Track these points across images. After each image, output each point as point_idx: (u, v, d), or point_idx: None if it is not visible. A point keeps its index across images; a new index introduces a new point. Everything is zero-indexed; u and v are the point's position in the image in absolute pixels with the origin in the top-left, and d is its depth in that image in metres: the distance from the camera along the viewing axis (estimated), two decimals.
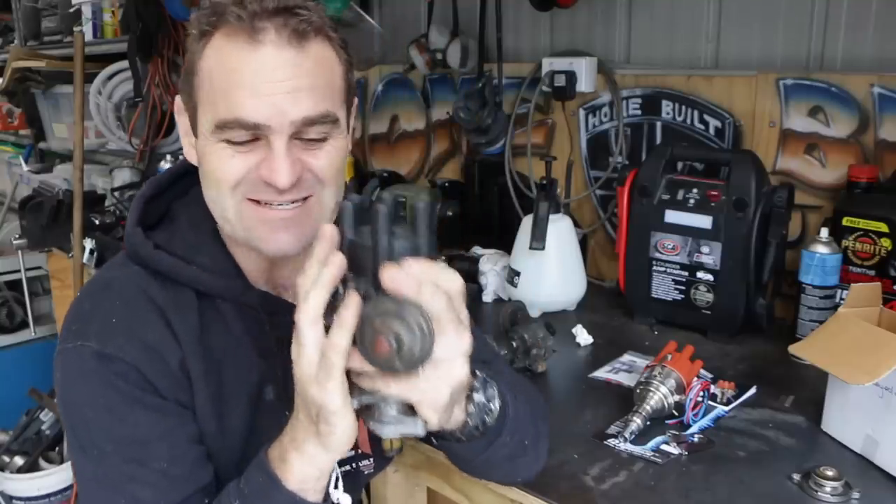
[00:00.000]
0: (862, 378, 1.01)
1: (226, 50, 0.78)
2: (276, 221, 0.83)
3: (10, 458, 2.66)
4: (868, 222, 1.40)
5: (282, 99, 0.77)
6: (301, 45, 0.78)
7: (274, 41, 0.77)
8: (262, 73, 0.77)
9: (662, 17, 1.82)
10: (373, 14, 2.39)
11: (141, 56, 2.44)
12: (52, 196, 2.41)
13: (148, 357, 0.82)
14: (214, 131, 0.80)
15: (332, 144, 0.84)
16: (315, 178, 0.83)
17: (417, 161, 2.39)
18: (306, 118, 0.79)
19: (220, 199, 0.84)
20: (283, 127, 0.78)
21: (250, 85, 0.77)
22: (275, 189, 0.81)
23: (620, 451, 1.11)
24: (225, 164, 0.81)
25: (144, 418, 0.81)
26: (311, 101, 0.79)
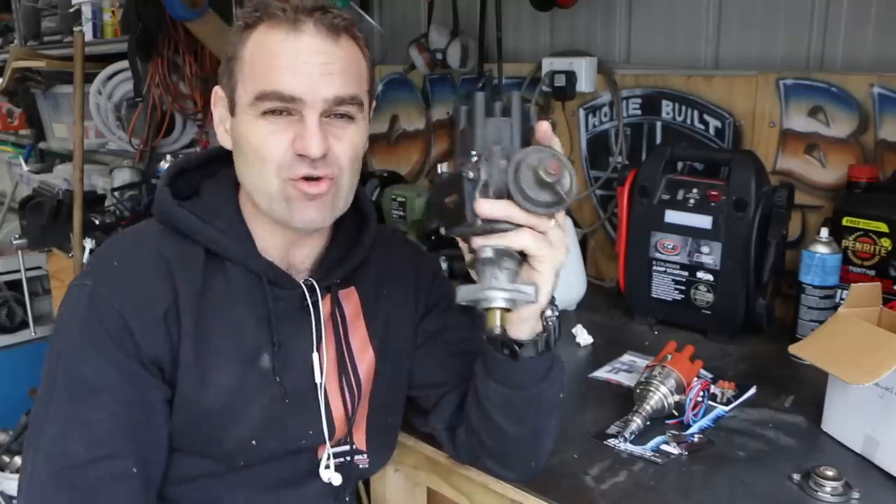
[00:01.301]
0: (862, 378, 1.01)
1: (268, 37, 0.88)
2: (310, 196, 0.90)
3: (10, 458, 2.66)
4: (868, 222, 1.40)
5: (317, 79, 0.87)
6: (335, 38, 0.89)
7: (312, 31, 0.88)
8: (301, 56, 0.87)
9: (662, 17, 1.82)
10: (373, 14, 2.39)
11: (141, 56, 2.44)
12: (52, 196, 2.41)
13: (136, 302, 0.89)
14: (253, 103, 0.88)
15: (355, 128, 0.92)
16: (337, 162, 0.91)
17: (417, 161, 2.39)
18: (337, 97, 0.88)
19: (262, 176, 0.91)
20: (316, 103, 0.88)
21: (289, 65, 0.87)
22: (308, 161, 0.88)
23: (620, 451, 1.11)
24: (265, 142, 0.89)
25: (104, 367, 0.87)
26: (341, 83, 0.89)
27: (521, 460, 0.99)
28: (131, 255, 0.93)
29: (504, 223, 0.76)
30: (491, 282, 0.76)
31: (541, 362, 0.89)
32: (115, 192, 2.47)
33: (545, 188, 0.73)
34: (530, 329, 0.87)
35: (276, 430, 0.96)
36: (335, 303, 1.01)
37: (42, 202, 2.44)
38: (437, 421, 1.05)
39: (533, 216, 0.76)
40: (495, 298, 0.75)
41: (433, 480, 1.22)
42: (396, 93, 2.38)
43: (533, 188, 0.73)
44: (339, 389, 1.01)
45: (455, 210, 0.77)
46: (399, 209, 2.04)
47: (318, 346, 0.98)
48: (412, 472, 1.25)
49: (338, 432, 1.01)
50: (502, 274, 0.76)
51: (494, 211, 0.75)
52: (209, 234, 0.94)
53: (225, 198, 0.98)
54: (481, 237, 0.77)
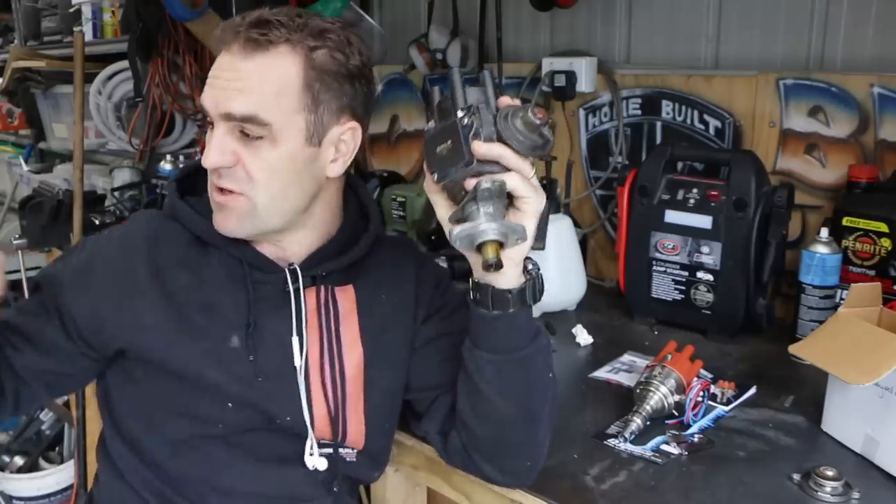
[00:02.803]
0: (862, 378, 1.01)
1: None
2: (218, 201, 0.97)
3: (10, 458, 2.66)
4: (868, 222, 1.40)
5: (219, 93, 0.92)
6: (250, 55, 0.91)
7: (235, 49, 0.91)
8: (216, 71, 0.93)
9: (662, 17, 1.82)
10: (373, 14, 2.39)
11: (141, 56, 2.44)
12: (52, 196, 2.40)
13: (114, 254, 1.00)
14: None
15: (269, 147, 0.93)
16: (246, 175, 0.94)
17: (417, 161, 2.39)
18: (229, 114, 0.91)
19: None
20: (216, 117, 0.93)
21: (210, 79, 0.94)
22: (215, 173, 0.95)
23: (620, 451, 1.11)
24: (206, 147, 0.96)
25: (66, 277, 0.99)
26: (240, 101, 0.91)
27: (517, 456, 0.98)
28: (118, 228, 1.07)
29: (495, 165, 0.84)
30: (485, 217, 0.82)
31: (527, 320, 0.92)
32: (115, 192, 2.47)
33: (533, 131, 0.82)
34: (515, 277, 0.90)
35: (252, 403, 0.99)
36: (330, 296, 1.03)
37: (42, 202, 2.43)
38: (430, 425, 1.05)
39: (521, 159, 0.84)
40: (490, 230, 0.82)
41: (433, 481, 1.22)
42: (396, 93, 2.38)
43: (523, 131, 0.83)
44: (321, 378, 1.02)
45: (449, 154, 0.84)
46: (399, 209, 2.04)
47: (299, 331, 1.00)
48: (412, 473, 1.25)
49: (320, 420, 1.02)
50: (495, 211, 0.83)
51: (490, 150, 0.83)
52: (196, 220, 1.01)
53: None
54: (474, 178, 0.84)
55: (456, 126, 0.83)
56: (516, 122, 0.83)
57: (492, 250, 0.82)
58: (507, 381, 0.93)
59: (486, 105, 0.85)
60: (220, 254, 1.00)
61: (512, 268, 0.88)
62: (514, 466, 0.99)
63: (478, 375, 0.94)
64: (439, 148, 0.85)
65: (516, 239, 0.84)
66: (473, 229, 0.82)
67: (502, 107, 0.85)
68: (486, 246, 0.82)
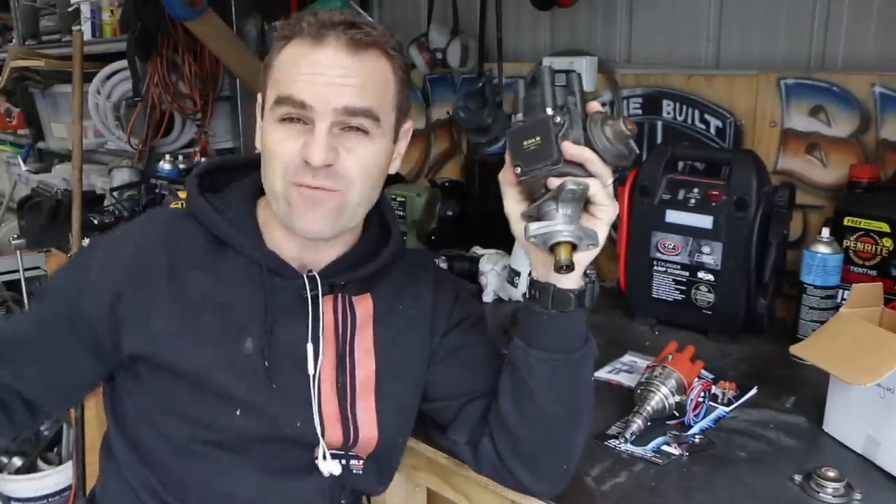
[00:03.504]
0: (863, 378, 1.01)
1: (295, 48, 0.93)
2: (309, 198, 0.93)
3: (9, 458, 2.66)
4: (869, 222, 1.40)
5: (329, 89, 0.90)
6: (355, 53, 0.91)
7: (333, 45, 0.91)
8: (318, 67, 0.91)
9: (663, 17, 1.82)
10: (373, 14, 2.39)
11: (140, 55, 2.43)
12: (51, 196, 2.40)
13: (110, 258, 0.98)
14: (272, 107, 0.93)
15: (370, 144, 0.94)
16: (344, 175, 0.93)
17: (417, 161, 2.39)
18: (347, 107, 0.91)
19: (272, 176, 0.95)
20: (327, 112, 0.90)
21: (306, 73, 0.91)
22: (311, 170, 0.91)
23: (621, 451, 1.10)
24: (278, 144, 0.93)
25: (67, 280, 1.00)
26: (355, 94, 0.91)
27: (555, 459, 0.97)
28: (132, 226, 1.04)
29: (579, 168, 0.84)
30: (563, 218, 0.84)
31: (582, 323, 0.94)
32: (114, 191, 2.46)
33: (622, 141, 0.83)
34: (577, 280, 0.91)
35: (261, 410, 0.97)
36: (347, 305, 1.02)
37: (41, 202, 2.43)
38: (458, 433, 1.04)
39: (605, 167, 0.84)
40: (567, 231, 0.83)
41: (433, 481, 1.22)
42: None
43: (612, 139, 0.83)
44: (335, 389, 1.01)
45: (537, 150, 0.84)
46: (399, 209, 2.04)
47: (314, 339, 0.99)
48: (412, 473, 1.24)
49: (331, 430, 1.00)
50: (573, 213, 0.84)
51: (581, 153, 0.83)
52: (216, 219, 0.99)
53: (242, 196, 1.03)
54: (558, 178, 0.84)
55: (548, 123, 0.84)
56: (606, 130, 0.83)
57: (565, 252, 0.83)
58: (559, 382, 0.93)
59: (575, 107, 0.85)
60: (238, 256, 0.99)
61: (577, 270, 0.89)
62: (551, 470, 0.98)
63: (529, 375, 0.94)
64: (526, 142, 0.85)
65: (588, 244, 0.85)
66: (551, 228, 0.83)
67: (591, 112, 0.86)
68: (561, 247, 0.83)
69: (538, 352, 0.93)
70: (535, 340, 0.93)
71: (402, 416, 1.07)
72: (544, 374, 0.93)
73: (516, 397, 0.96)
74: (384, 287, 1.05)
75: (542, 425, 0.95)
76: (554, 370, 0.93)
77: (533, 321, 0.94)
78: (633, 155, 0.85)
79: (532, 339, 0.94)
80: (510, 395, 0.96)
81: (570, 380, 0.94)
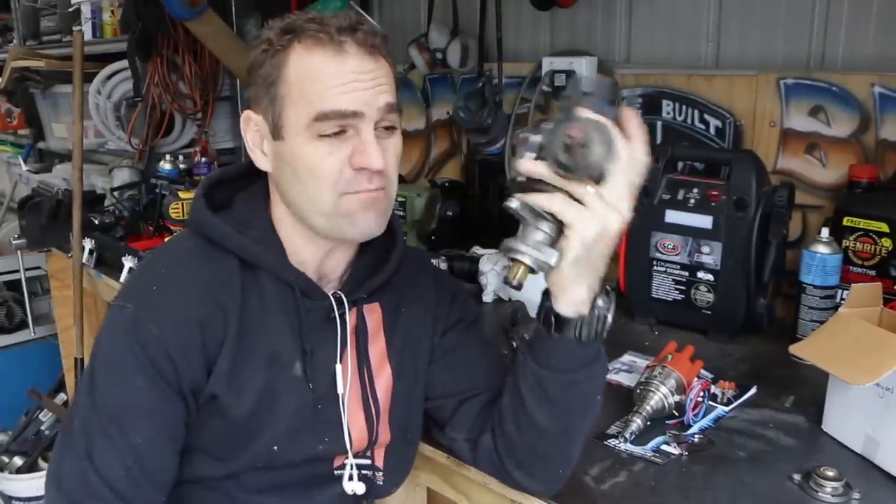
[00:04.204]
0: (862, 378, 1.01)
1: (313, 59, 0.90)
2: (367, 202, 0.93)
3: (10, 458, 2.66)
4: (869, 222, 1.40)
5: (368, 93, 0.91)
6: (375, 56, 0.92)
7: (356, 51, 0.91)
8: (353, 75, 0.90)
9: (663, 17, 1.82)
10: (373, 14, 2.39)
11: (140, 56, 2.43)
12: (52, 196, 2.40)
13: (176, 328, 0.91)
14: (310, 125, 0.90)
15: (396, 137, 0.96)
16: (389, 174, 0.95)
17: (417, 161, 2.39)
18: (388, 104, 0.93)
19: (318, 195, 0.93)
20: (372, 113, 0.91)
21: (342, 84, 0.90)
22: (367, 175, 0.92)
23: (620, 451, 1.10)
24: (321, 161, 0.91)
25: (142, 390, 0.90)
26: (388, 93, 0.93)
27: (549, 466, 0.98)
28: (169, 277, 0.95)
29: (542, 184, 0.81)
30: (522, 238, 0.82)
31: (580, 348, 0.90)
32: (115, 191, 2.46)
33: (568, 151, 0.78)
34: (574, 307, 0.87)
35: (299, 437, 0.97)
36: (360, 316, 1.02)
37: (41, 202, 2.43)
38: (456, 431, 1.05)
39: (565, 180, 0.80)
40: (516, 251, 0.81)
41: (433, 481, 1.22)
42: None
43: (560, 148, 0.79)
44: (360, 402, 1.02)
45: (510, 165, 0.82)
46: (399, 209, 2.04)
47: (343, 357, 0.99)
48: (412, 473, 1.24)
49: (356, 445, 1.02)
50: (535, 234, 0.81)
51: (529, 168, 0.81)
52: (243, 243, 0.96)
53: (257, 210, 1.00)
54: (520, 193, 0.82)
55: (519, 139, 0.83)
56: (555, 140, 0.79)
57: (515, 269, 0.81)
58: (549, 397, 0.92)
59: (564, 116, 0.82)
60: (270, 278, 0.96)
61: (564, 294, 0.86)
62: (546, 474, 0.99)
63: (524, 384, 0.93)
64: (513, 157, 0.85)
65: (544, 264, 0.81)
66: (506, 244, 0.82)
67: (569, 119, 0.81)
68: (513, 264, 0.82)
69: (532, 363, 0.92)
70: (533, 351, 0.93)
71: (413, 412, 1.07)
72: (536, 387, 0.92)
73: (512, 401, 0.96)
74: (390, 293, 1.05)
75: (534, 434, 0.95)
76: (545, 386, 0.92)
77: (536, 332, 0.93)
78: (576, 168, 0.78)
79: (532, 350, 0.93)
80: (509, 398, 0.97)
81: (563, 398, 0.92)
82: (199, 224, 0.98)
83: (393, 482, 1.10)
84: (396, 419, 1.05)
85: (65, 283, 2.38)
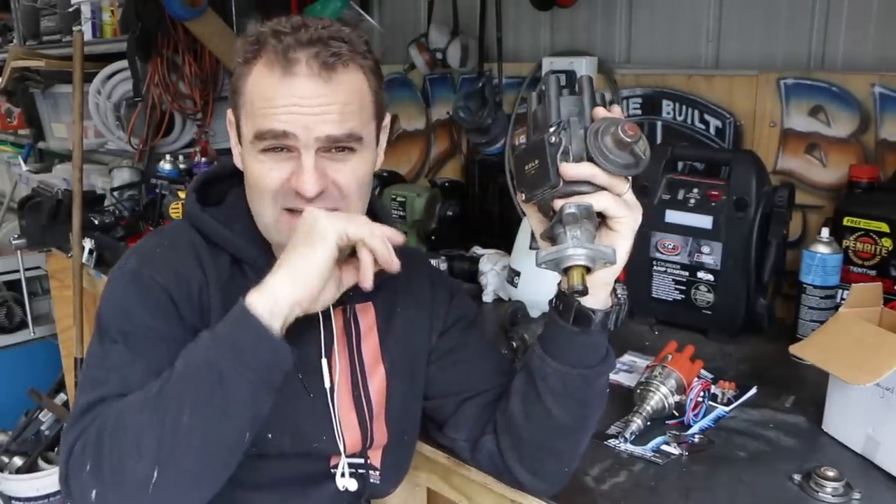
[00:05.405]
0: (863, 378, 1.01)
1: (264, 78, 0.90)
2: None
3: (10, 458, 2.66)
4: (869, 222, 1.40)
5: (310, 119, 0.89)
6: (329, 75, 0.89)
7: (305, 73, 0.88)
8: (293, 98, 0.89)
9: (663, 17, 1.82)
10: (373, 14, 2.39)
11: (140, 56, 2.43)
12: (52, 196, 2.40)
13: (176, 281, 0.93)
14: (253, 140, 0.92)
15: (357, 159, 0.94)
16: (339, 192, 0.93)
17: (417, 161, 2.39)
18: (330, 136, 0.90)
19: (261, 205, 0.95)
20: (310, 142, 0.89)
21: (283, 107, 0.89)
22: (303, 198, 0.91)
23: (621, 451, 1.10)
24: (264, 174, 0.92)
25: (153, 320, 0.91)
26: (336, 121, 0.90)
27: (556, 462, 0.97)
28: (169, 243, 0.99)
29: (585, 185, 0.80)
30: (572, 241, 0.79)
31: (604, 340, 0.91)
32: (115, 191, 2.47)
33: (624, 149, 0.78)
34: (603, 299, 0.88)
35: (290, 427, 0.97)
36: (351, 315, 1.02)
37: (41, 202, 2.43)
38: (457, 431, 1.05)
39: (613, 177, 0.80)
40: (576, 255, 0.78)
41: (433, 481, 1.22)
42: (396, 93, 2.38)
43: (613, 150, 0.78)
44: (351, 401, 1.02)
45: (537, 174, 0.81)
46: (399, 209, 2.04)
47: (329, 353, 0.99)
48: (412, 473, 1.24)
49: (350, 443, 1.02)
50: (582, 235, 0.79)
51: (579, 171, 0.79)
52: (228, 238, 0.98)
53: (244, 206, 1.01)
54: (562, 199, 0.80)
55: (543, 145, 0.80)
56: (606, 140, 0.78)
57: (577, 276, 0.79)
58: (571, 393, 0.93)
59: (579, 118, 0.81)
60: (255, 272, 0.96)
61: (601, 289, 0.87)
62: (552, 472, 0.99)
63: (542, 382, 0.93)
64: (528, 166, 0.82)
65: (604, 263, 0.80)
66: (559, 254, 0.79)
67: (596, 120, 0.81)
68: (572, 271, 0.79)
69: (554, 362, 0.92)
70: (553, 351, 0.92)
71: (409, 413, 1.07)
72: (557, 384, 0.92)
73: (526, 401, 0.95)
74: (383, 292, 1.05)
75: (548, 431, 0.95)
76: (567, 383, 0.92)
77: (553, 332, 0.92)
78: (641, 161, 0.79)
79: (550, 349, 0.93)
80: (520, 398, 0.96)
81: (583, 392, 0.93)
82: (190, 217, 1.01)
83: (391, 482, 1.10)
84: (393, 419, 1.05)
85: (65, 283, 2.38)
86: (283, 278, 0.84)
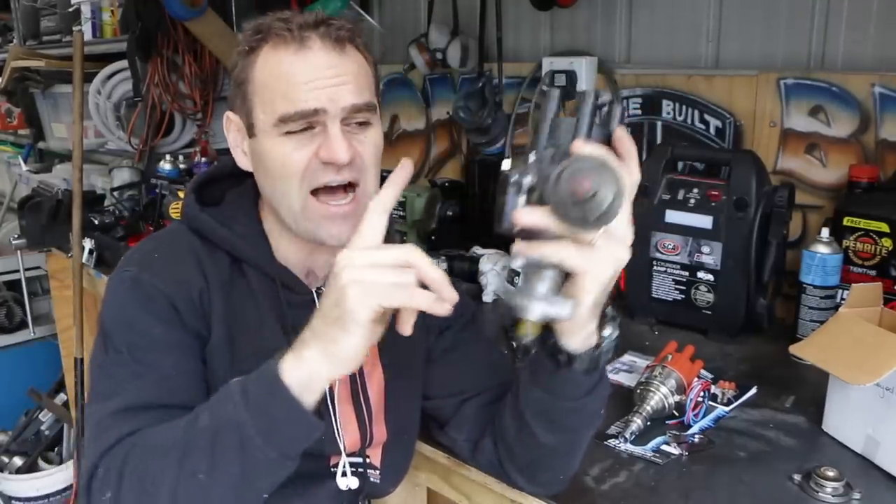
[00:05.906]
0: (863, 378, 1.01)
1: (277, 58, 0.91)
2: (336, 217, 0.94)
3: (10, 458, 2.66)
4: (869, 222, 1.40)
5: (333, 90, 0.90)
6: (341, 49, 0.92)
7: (319, 46, 0.91)
8: (315, 72, 0.90)
9: (663, 17, 1.82)
10: (373, 14, 2.39)
11: (140, 55, 2.44)
12: (52, 196, 2.40)
13: (176, 287, 0.93)
14: (276, 124, 0.91)
15: (372, 132, 0.96)
16: (362, 163, 0.94)
17: (417, 161, 2.39)
18: (354, 105, 0.91)
19: (288, 192, 0.94)
20: (337, 111, 0.91)
21: (306, 81, 0.90)
22: (334, 169, 0.91)
23: (621, 451, 1.10)
24: (289, 156, 0.92)
25: (158, 331, 0.91)
26: (356, 91, 0.92)
27: (551, 473, 0.98)
28: (167, 247, 0.99)
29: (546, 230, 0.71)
30: (528, 291, 0.72)
31: (587, 377, 0.87)
32: (115, 191, 2.47)
33: (578, 205, 0.66)
34: (582, 340, 0.83)
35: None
36: None
37: (41, 202, 2.43)
38: (457, 431, 1.05)
39: (572, 229, 0.70)
40: (526, 309, 0.71)
41: (433, 481, 1.22)
42: (397, 93, 2.38)
43: (567, 201, 0.66)
44: (350, 400, 1.02)
45: (499, 211, 0.73)
46: (399, 209, 2.04)
47: None
48: (412, 473, 1.24)
49: (349, 442, 1.02)
50: (542, 284, 0.72)
51: (532, 220, 0.70)
52: (226, 237, 0.98)
53: (244, 205, 1.02)
54: (521, 243, 0.73)
55: (505, 184, 0.72)
56: (562, 188, 0.66)
57: (524, 328, 0.72)
58: (554, 420, 0.91)
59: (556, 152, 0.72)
60: (255, 272, 0.98)
61: (576, 333, 0.82)
62: (547, 479, 0.99)
63: (526, 407, 0.92)
64: (498, 198, 0.73)
65: (557, 317, 0.72)
66: (514, 299, 0.72)
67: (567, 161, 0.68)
68: (520, 322, 0.73)
69: (536, 389, 0.90)
70: (536, 378, 0.90)
71: (408, 411, 1.07)
72: (539, 411, 0.91)
73: (515, 419, 0.95)
74: None
75: (540, 450, 0.94)
76: (549, 410, 0.90)
77: (536, 362, 0.88)
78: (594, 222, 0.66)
79: (535, 379, 0.90)
80: (511, 417, 0.95)
81: (571, 420, 0.91)
82: (188, 218, 1.00)
83: (391, 481, 1.10)
84: (392, 419, 1.05)
85: (65, 283, 2.38)
86: (318, 357, 0.77)
